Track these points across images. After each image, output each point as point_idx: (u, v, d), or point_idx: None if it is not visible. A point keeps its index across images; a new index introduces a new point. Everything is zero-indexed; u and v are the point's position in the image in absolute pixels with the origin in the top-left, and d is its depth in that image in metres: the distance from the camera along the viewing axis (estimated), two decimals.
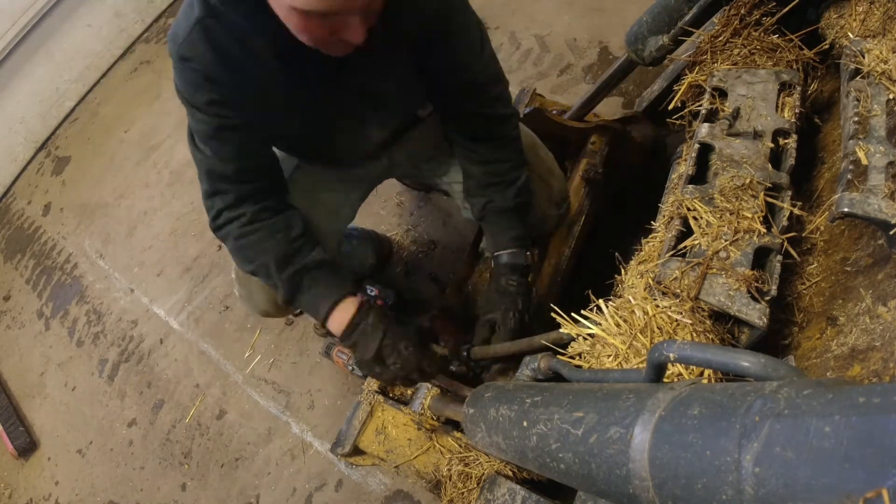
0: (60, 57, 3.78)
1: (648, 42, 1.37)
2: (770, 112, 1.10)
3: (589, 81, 2.25)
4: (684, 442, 0.47)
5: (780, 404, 0.41)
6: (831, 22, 1.13)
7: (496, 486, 1.01)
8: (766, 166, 1.02)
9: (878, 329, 0.81)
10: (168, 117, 3.33)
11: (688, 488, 0.46)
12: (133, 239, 2.86)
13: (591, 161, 1.55)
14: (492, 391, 0.96)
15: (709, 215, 0.97)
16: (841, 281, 0.94)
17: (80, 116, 3.84)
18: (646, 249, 1.06)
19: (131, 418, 2.28)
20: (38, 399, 2.58)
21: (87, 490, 2.20)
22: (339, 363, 1.76)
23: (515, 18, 2.59)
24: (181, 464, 2.07)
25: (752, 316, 0.86)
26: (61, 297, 2.86)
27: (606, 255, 1.23)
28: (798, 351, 0.96)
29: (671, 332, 0.87)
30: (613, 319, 0.92)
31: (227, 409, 2.11)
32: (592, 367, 0.90)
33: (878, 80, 0.95)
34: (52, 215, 3.31)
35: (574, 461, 0.63)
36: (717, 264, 0.91)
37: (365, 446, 1.28)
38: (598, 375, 0.82)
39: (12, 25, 3.45)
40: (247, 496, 1.90)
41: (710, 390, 0.51)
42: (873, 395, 0.35)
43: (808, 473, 0.35)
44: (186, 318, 2.42)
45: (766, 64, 1.17)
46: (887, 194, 0.81)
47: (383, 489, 1.73)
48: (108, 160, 3.36)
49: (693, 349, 0.55)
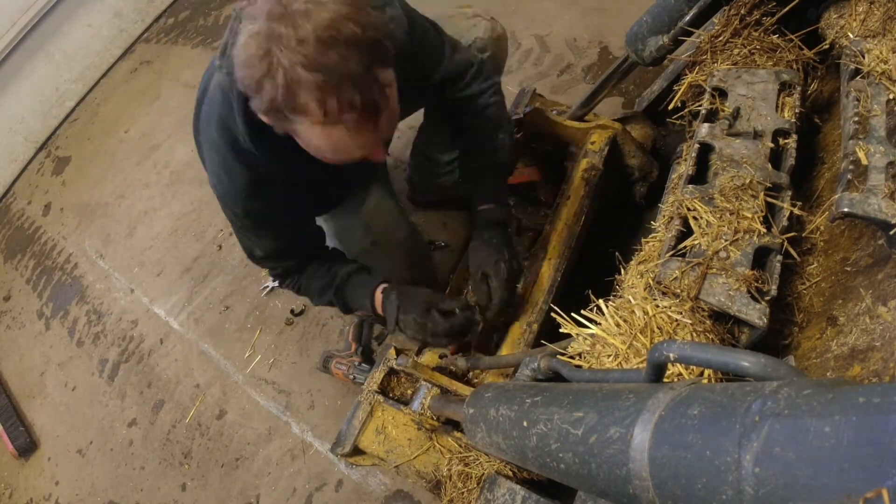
0: (60, 57, 3.78)
1: (648, 42, 1.37)
2: (770, 112, 1.10)
3: (589, 81, 2.25)
4: (684, 442, 0.47)
5: (780, 404, 0.41)
6: (831, 22, 1.13)
7: (496, 486, 1.01)
8: (766, 166, 1.02)
9: (878, 329, 0.81)
10: (168, 117, 3.33)
11: (688, 488, 0.46)
12: (133, 239, 2.86)
13: (591, 161, 1.55)
14: (492, 391, 0.96)
15: (709, 215, 0.97)
16: (841, 281, 0.95)
17: (80, 116, 3.85)
18: (646, 249, 1.06)
19: (131, 418, 2.28)
20: (38, 399, 2.58)
21: (88, 490, 2.20)
22: (339, 374, 1.76)
23: (515, 18, 2.59)
24: (181, 464, 2.07)
25: (752, 316, 0.86)
26: (61, 298, 2.86)
27: (606, 255, 1.23)
28: (798, 351, 0.96)
29: (671, 332, 0.87)
30: (613, 319, 0.92)
31: (228, 410, 2.11)
32: (592, 367, 0.90)
33: (878, 80, 0.95)
34: (52, 215, 3.31)
35: (574, 461, 0.63)
36: (717, 264, 0.91)
37: (365, 446, 1.28)
38: (598, 375, 0.82)
39: (12, 25, 3.45)
40: (247, 496, 1.90)
41: (710, 390, 0.51)
42: (873, 395, 0.35)
43: (808, 473, 0.35)
44: (186, 319, 2.42)
45: (766, 64, 1.17)
46: (887, 194, 0.81)
47: (383, 489, 1.73)
48: (108, 160, 3.36)
49: (693, 349, 0.55)
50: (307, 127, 0.89)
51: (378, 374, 1.33)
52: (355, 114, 0.86)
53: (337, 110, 0.84)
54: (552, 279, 1.41)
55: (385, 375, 1.32)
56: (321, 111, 0.84)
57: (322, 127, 0.87)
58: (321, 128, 0.88)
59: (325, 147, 0.93)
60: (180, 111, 3.28)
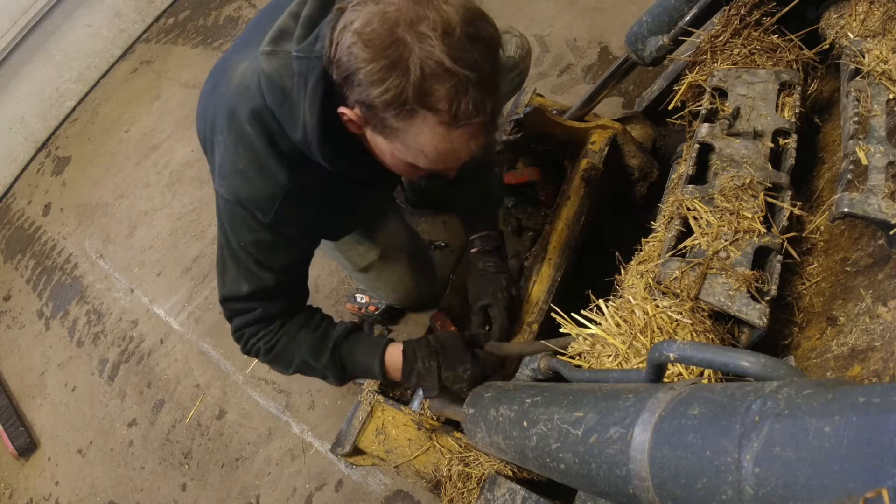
0: (60, 57, 3.78)
1: (648, 42, 1.37)
2: (770, 112, 1.10)
3: (589, 81, 2.25)
4: (684, 442, 0.47)
5: (780, 404, 0.41)
6: (831, 22, 1.13)
7: (496, 486, 1.01)
8: (766, 166, 1.02)
9: (878, 329, 0.81)
10: (168, 117, 3.33)
11: (688, 488, 0.46)
12: (133, 239, 2.86)
13: (591, 161, 1.55)
14: (492, 391, 0.97)
15: (709, 215, 0.97)
16: (841, 281, 0.94)
17: (80, 116, 3.84)
18: (646, 249, 1.06)
19: (131, 418, 2.28)
20: (38, 399, 2.58)
21: (88, 490, 2.20)
22: None
23: (515, 18, 2.59)
24: (181, 464, 2.07)
25: (752, 316, 0.86)
26: (61, 298, 2.86)
27: (606, 255, 1.23)
28: (798, 351, 0.96)
29: (671, 332, 0.87)
30: (613, 319, 0.92)
31: (228, 410, 2.11)
32: (592, 367, 0.90)
33: (878, 80, 0.95)
34: (52, 215, 3.31)
35: (574, 461, 0.63)
36: (717, 264, 0.91)
37: (365, 446, 1.28)
38: (598, 375, 0.82)
39: (12, 25, 3.45)
40: (247, 496, 1.90)
41: (710, 390, 0.51)
42: (873, 395, 0.35)
43: (808, 473, 0.35)
44: (186, 318, 2.42)
45: (766, 64, 1.17)
46: (887, 194, 0.81)
47: (383, 489, 1.73)
48: (108, 160, 3.36)
49: (693, 349, 0.55)
50: (427, 126, 0.80)
51: None
52: (482, 118, 0.80)
53: (468, 111, 0.77)
54: (552, 279, 1.41)
55: None
56: (452, 110, 0.77)
57: (446, 128, 0.79)
58: (444, 129, 0.79)
59: (436, 151, 0.84)
60: (180, 111, 3.28)
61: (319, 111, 0.87)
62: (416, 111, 0.77)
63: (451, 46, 0.73)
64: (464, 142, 0.83)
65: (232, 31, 3.58)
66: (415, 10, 0.74)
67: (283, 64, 0.89)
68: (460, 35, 0.74)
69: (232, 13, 3.71)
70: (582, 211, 1.51)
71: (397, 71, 0.74)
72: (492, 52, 0.79)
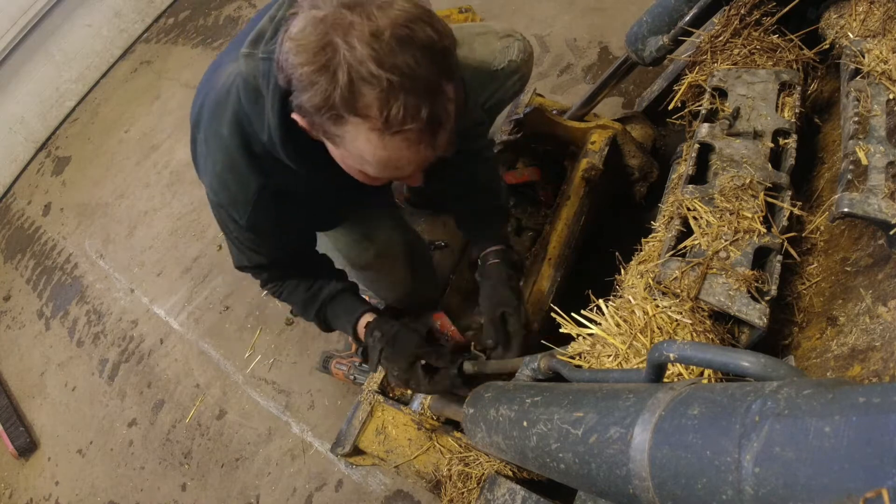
0: (60, 57, 3.78)
1: (648, 42, 1.37)
2: (770, 112, 1.10)
3: (589, 81, 2.25)
4: (684, 442, 0.47)
5: (780, 404, 0.41)
6: (831, 22, 1.13)
7: (496, 486, 1.01)
8: (766, 166, 1.02)
9: (878, 329, 0.81)
10: (168, 117, 3.33)
11: (688, 488, 0.46)
12: (133, 239, 2.86)
13: (591, 161, 1.55)
14: (492, 391, 0.96)
15: (709, 215, 0.97)
16: (841, 281, 0.95)
17: (80, 116, 3.85)
18: (646, 249, 1.06)
19: (131, 418, 2.28)
20: (38, 399, 2.58)
21: (87, 490, 2.20)
22: (340, 375, 1.76)
23: (515, 18, 2.59)
24: (181, 464, 2.07)
25: (752, 316, 0.86)
26: (61, 298, 2.86)
27: (606, 255, 1.23)
28: (798, 351, 0.96)
29: (671, 332, 0.87)
30: (613, 319, 0.92)
31: (228, 409, 2.11)
32: (592, 367, 0.90)
33: (878, 80, 0.95)
34: (52, 215, 3.31)
35: (574, 461, 0.63)
36: (717, 264, 0.91)
37: (365, 446, 1.28)
38: (598, 375, 0.82)
39: (12, 25, 3.45)
40: (247, 496, 1.90)
41: (710, 390, 0.51)
42: (873, 395, 0.35)
43: (808, 473, 0.35)
44: (186, 318, 2.42)
45: (766, 64, 1.17)
46: (887, 194, 0.81)
47: (383, 489, 1.73)
48: (108, 160, 3.37)
49: (693, 349, 0.55)
50: (360, 133, 0.78)
51: (378, 374, 1.33)
52: (418, 125, 0.76)
53: (401, 118, 0.75)
54: (552, 279, 1.41)
55: (385, 375, 1.32)
56: (383, 116, 0.75)
57: (379, 135, 0.77)
58: (378, 136, 0.77)
59: (374, 158, 0.82)
60: (180, 111, 3.28)
61: (280, 112, 0.88)
62: (346, 117, 0.77)
63: (379, 50, 0.72)
64: (403, 149, 0.80)
65: (232, 31, 3.58)
66: (347, 15, 0.73)
67: (256, 66, 0.91)
68: (389, 38, 0.72)
69: (232, 13, 3.71)
70: (582, 211, 1.51)
71: (326, 75, 0.74)
72: (432, 55, 0.75)
